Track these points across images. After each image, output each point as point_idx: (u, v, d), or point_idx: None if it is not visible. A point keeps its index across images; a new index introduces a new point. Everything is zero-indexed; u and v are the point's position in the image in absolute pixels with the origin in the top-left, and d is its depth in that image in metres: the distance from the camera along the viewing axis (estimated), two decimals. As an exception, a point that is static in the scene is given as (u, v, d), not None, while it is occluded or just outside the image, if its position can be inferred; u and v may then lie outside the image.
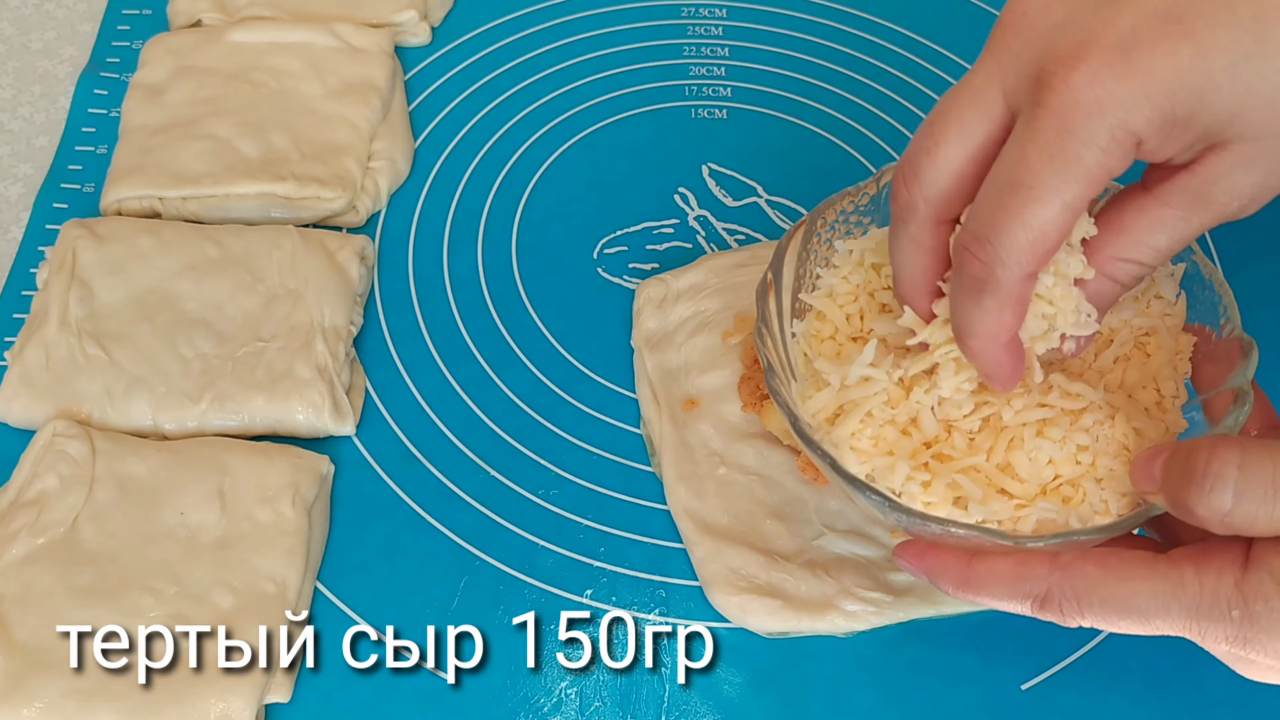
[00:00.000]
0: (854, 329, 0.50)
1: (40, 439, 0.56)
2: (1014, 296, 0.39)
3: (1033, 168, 0.36)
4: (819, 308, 0.50)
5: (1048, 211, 0.36)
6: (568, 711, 0.51)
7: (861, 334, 0.50)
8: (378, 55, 0.72)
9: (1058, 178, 0.36)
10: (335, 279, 0.62)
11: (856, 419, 0.46)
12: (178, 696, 0.49)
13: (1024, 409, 0.45)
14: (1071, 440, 0.44)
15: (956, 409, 0.45)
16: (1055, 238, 0.37)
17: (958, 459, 0.45)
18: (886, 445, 0.46)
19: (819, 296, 0.51)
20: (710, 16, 0.78)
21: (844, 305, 0.50)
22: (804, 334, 0.50)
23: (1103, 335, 0.48)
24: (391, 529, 0.57)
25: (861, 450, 0.46)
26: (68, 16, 0.79)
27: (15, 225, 0.68)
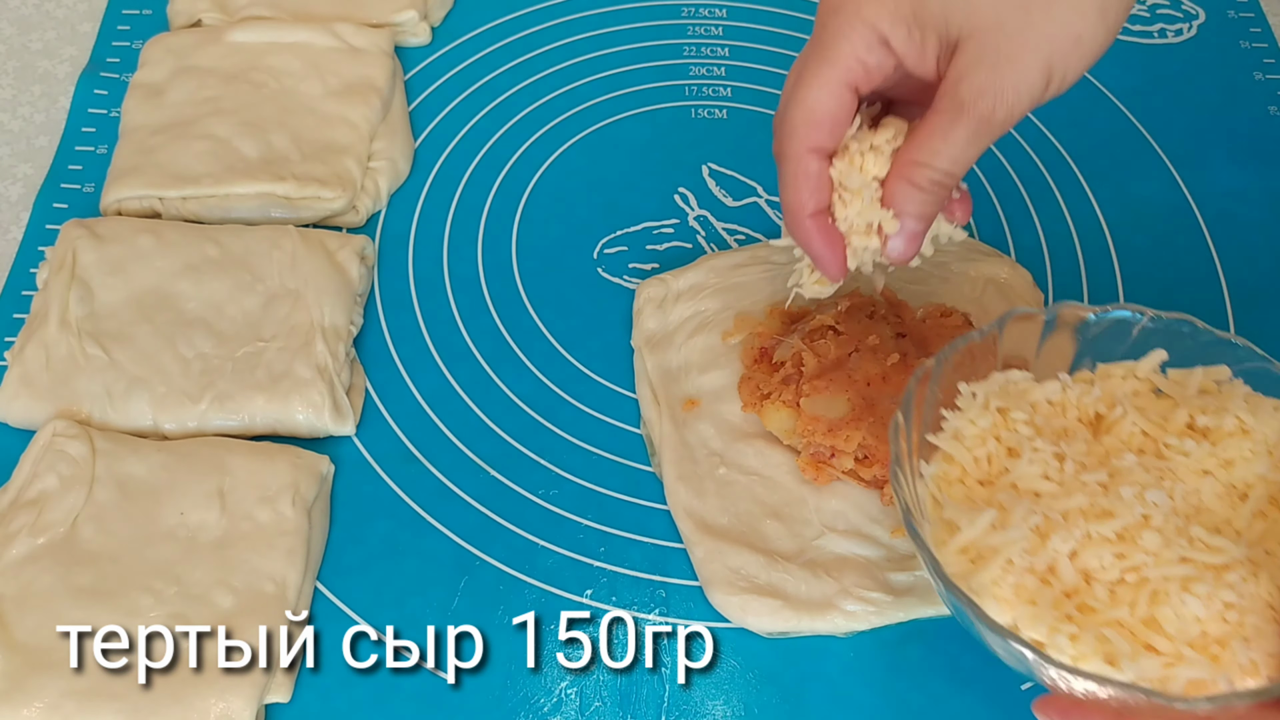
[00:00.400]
0: (982, 473, 0.50)
1: (40, 439, 0.56)
2: (802, 169, 0.47)
3: (807, 63, 0.46)
4: (947, 449, 0.50)
5: (813, 92, 0.46)
6: (568, 711, 0.51)
7: (989, 478, 0.49)
8: (378, 55, 0.72)
9: (820, 65, 0.46)
10: (335, 279, 0.62)
11: (997, 566, 0.45)
12: (178, 696, 0.49)
13: (1167, 562, 0.45)
14: (1217, 596, 0.44)
15: (1096, 559, 0.45)
16: (822, 113, 0.46)
17: (1101, 611, 0.44)
18: (1028, 594, 0.45)
19: (946, 439, 0.50)
20: (710, 16, 0.78)
21: (972, 449, 0.50)
22: (933, 476, 0.50)
23: (1236, 489, 0.48)
24: (391, 529, 0.57)
25: (1003, 598, 0.45)
26: (68, 16, 0.79)
27: (15, 225, 0.68)
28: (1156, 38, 0.78)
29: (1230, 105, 0.74)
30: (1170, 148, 0.72)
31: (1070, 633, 0.44)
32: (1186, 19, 0.79)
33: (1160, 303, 0.64)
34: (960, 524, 0.47)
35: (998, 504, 0.48)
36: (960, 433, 0.50)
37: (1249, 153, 0.71)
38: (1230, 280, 0.65)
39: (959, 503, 0.49)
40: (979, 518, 0.47)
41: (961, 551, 0.47)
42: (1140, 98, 0.74)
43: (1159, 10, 0.79)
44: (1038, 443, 0.49)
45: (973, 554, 0.47)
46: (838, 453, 0.55)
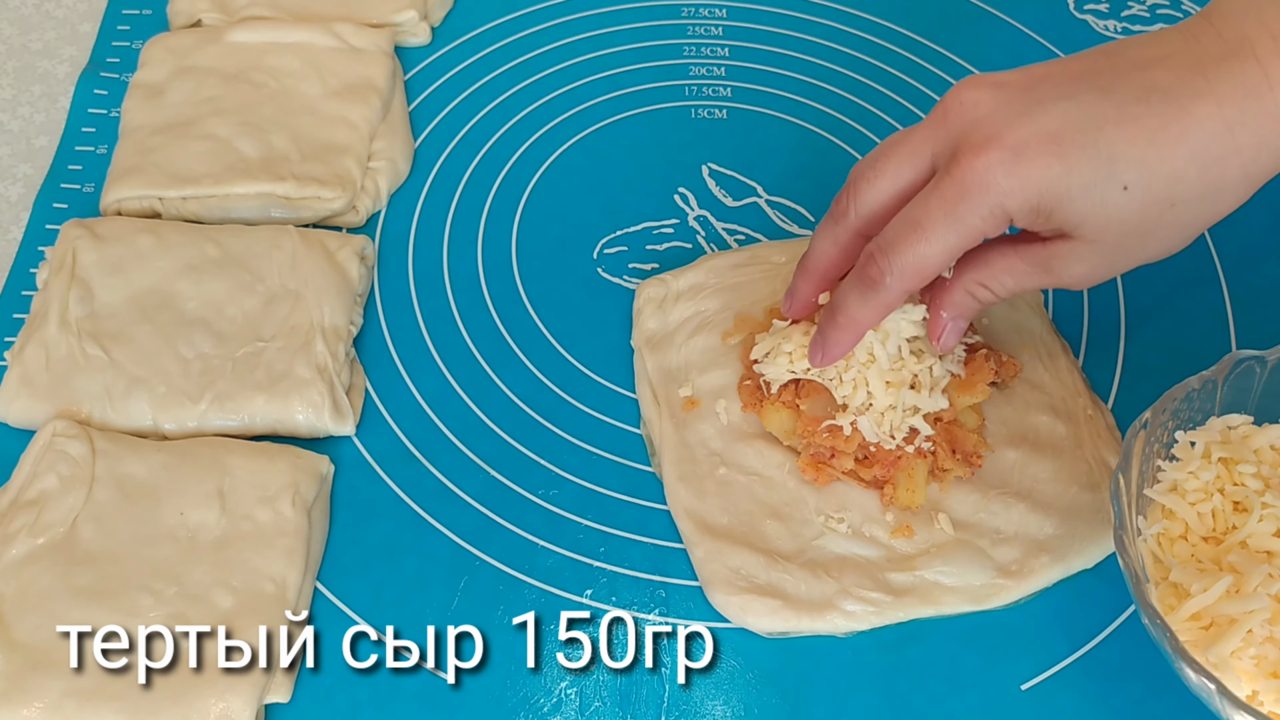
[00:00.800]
0: (1207, 529, 0.48)
1: (40, 439, 0.56)
2: (889, 303, 0.51)
3: (932, 215, 0.48)
4: (1168, 505, 0.49)
5: (932, 249, 0.48)
6: (568, 711, 0.51)
7: (1216, 535, 0.48)
8: (378, 55, 0.72)
9: (945, 228, 0.48)
10: (335, 279, 0.62)
11: (1237, 637, 0.44)
12: (178, 696, 0.49)
13: None
14: None
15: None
16: (932, 266, 0.49)
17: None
18: (1270, 665, 0.44)
19: (1164, 492, 0.50)
20: (710, 16, 0.78)
21: (1195, 503, 0.49)
22: (1154, 534, 0.49)
23: None
24: (391, 529, 0.57)
25: (1245, 671, 0.44)
26: (68, 16, 0.79)
27: (15, 225, 0.68)
28: (1156, 38, 0.78)
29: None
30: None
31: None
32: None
33: (1160, 303, 0.64)
34: (1190, 588, 0.46)
35: (1229, 566, 0.46)
36: (1181, 486, 0.49)
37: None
38: (1230, 280, 0.65)
39: (1184, 563, 0.47)
40: (1213, 584, 0.45)
41: (1193, 619, 0.46)
42: (1140, 98, 0.74)
43: (1159, 10, 0.79)
44: (1268, 497, 0.47)
45: (1205, 621, 0.45)
46: (838, 453, 0.55)
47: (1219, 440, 0.50)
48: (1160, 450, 0.51)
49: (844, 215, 0.52)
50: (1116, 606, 0.54)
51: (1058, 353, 0.61)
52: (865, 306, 0.51)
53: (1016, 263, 0.51)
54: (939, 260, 0.48)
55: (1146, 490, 0.50)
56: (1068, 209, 0.47)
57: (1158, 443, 0.51)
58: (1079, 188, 0.46)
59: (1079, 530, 0.55)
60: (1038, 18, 0.78)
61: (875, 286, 0.50)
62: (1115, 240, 0.48)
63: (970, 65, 0.76)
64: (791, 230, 0.68)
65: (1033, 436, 0.58)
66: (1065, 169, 0.46)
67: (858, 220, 0.52)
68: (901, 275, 0.49)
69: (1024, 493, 0.56)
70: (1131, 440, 0.49)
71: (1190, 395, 0.52)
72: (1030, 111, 0.47)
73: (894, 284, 0.49)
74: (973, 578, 0.54)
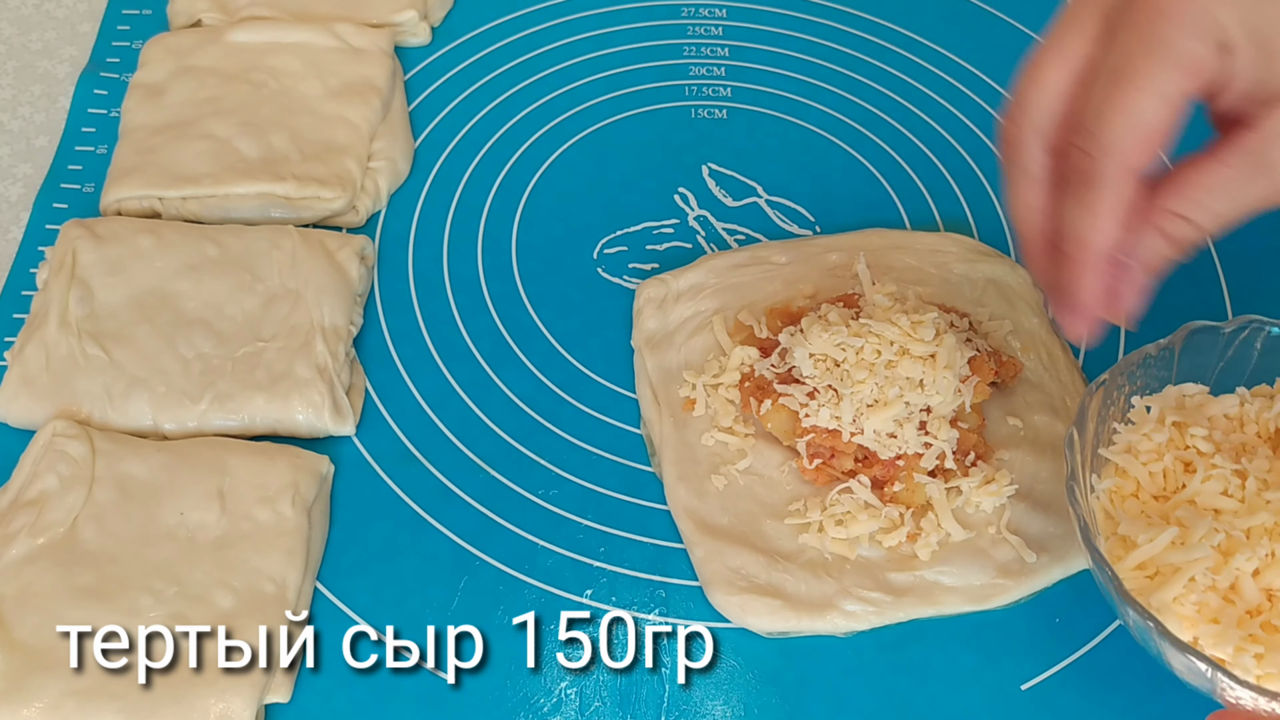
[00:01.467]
0: (1158, 488, 0.49)
1: (40, 439, 0.56)
2: (1117, 194, 0.38)
3: (1132, 56, 0.37)
4: (1121, 464, 0.50)
5: (1146, 100, 0.37)
6: (568, 711, 0.51)
7: (1165, 494, 0.49)
8: (378, 55, 0.72)
9: (1152, 64, 0.36)
10: (335, 279, 0.62)
11: (1179, 584, 0.45)
12: (178, 696, 0.49)
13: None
14: None
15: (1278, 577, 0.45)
16: (1156, 128, 0.37)
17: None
18: (1211, 612, 0.45)
19: (1119, 453, 0.50)
20: (710, 16, 0.78)
21: (1147, 464, 0.50)
22: (1106, 491, 0.50)
23: None
24: (391, 529, 0.57)
25: (1186, 616, 0.45)
26: (68, 16, 0.79)
27: (15, 225, 0.68)
28: (1156, 38, 0.78)
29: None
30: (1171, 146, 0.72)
31: (1256, 652, 0.43)
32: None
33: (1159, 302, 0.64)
34: (1138, 540, 0.47)
35: (1176, 521, 0.47)
36: (1134, 447, 0.50)
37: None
38: (1230, 280, 0.65)
39: (1134, 518, 0.48)
40: (1160, 535, 0.46)
41: (1139, 568, 0.46)
42: (1140, 98, 0.74)
43: (1159, 10, 0.79)
44: (1216, 459, 0.48)
45: (1151, 570, 0.46)
46: (838, 453, 0.55)
47: (1173, 406, 0.51)
48: (1117, 413, 0.52)
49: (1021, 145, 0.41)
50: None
51: (1057, 353, 0.61)
52: (1089, 213, 0.39)
53: (1220, 171, 0.39)
54: (1158, 112, 0.37)
55: (1101, 449, 0.51)
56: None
57: (1114, 405, 0.51)
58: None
59: (1079, 530, 0.55)
60: (1038, 18, 0.78)
61: (1091, 180, 0.38)
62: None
63: (970, 65, 0.76)
64: (791, 230, 0.68)
65: (1032, 436, 0.58)
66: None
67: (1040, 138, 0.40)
68: (1118, 147, 0.38)
69: (1024, 493, 0.56)
70: (1088, 400, 0.50)
71: (1148, 361, 0.52)
72: None
73: (1112, 164, 0.38)
74: (973, 578, 0.54)
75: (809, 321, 0.57)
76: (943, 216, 0.68)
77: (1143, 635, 0.45)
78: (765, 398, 0.57)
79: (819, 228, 0.68)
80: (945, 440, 0.54)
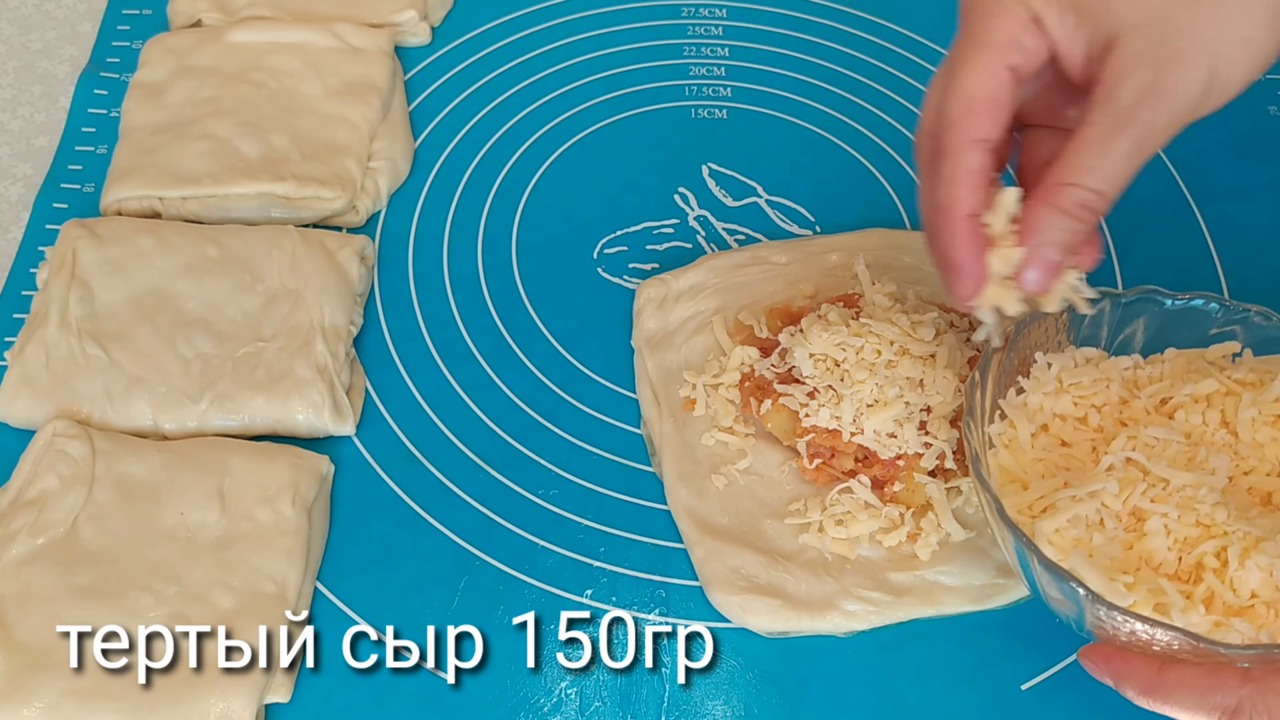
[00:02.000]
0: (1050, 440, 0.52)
1: (40, 439, 0.56)
2: (964, 163, 0.43)
3: (959, 48, 0.44)
4: (1013, 416, 0.53)
5: (971, 78, 0.43)
6: (568, 711, 0.51)
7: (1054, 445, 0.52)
8: (378, 55, 0.72)
9: (972, 48, 0.43)
10: (335, 279, 0.62)
11: (1062, 518, 0.48)
12: (178, 696, 0.49)
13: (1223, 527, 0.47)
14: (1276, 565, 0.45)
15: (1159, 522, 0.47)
16: (986, 100, 0.43)
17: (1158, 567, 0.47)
18: (1087, 546, 0.47)
19: (1016, 405, 0.53)
20: (710, 16, 0.78)
21: (1034, 418, 0.53)
22: (998, 436, 0.53)
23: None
24: (391, 529, 0.57)
25: (1062, 546, 0.47)
26: (68, 16, 0.79)
27: (15, 225, 0.68)
28: (1156, 38, 0.78)
29: (1230, 105, 0.74)
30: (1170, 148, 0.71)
31: (1126, 582, 0.46)
32: (1186, 19, 0.79)
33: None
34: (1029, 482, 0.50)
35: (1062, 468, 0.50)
36: (1027, 402, 0.53)
37: (1249, 152, 0.71)
38: (1230, 280, 0.65)
39: (1024, 466, 0.51)
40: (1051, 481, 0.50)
41: (1027, 508, 0.49)
42: (1140, 98, 0.74)
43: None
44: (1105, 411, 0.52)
45: (1036, 511, 0.49)
46: (838, 453, 0.55)
47: (1071, 366, 0.54)
48: (1024, 369, 0.54)
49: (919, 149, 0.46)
50: (1116, 606, 0.54)
51: (1057, 352, 0.61)
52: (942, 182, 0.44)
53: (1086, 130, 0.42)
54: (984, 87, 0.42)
55: (1001, 401, 0.53)
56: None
57: (1019, 360, 0.54)
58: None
59: (1079, 530, 0.55)
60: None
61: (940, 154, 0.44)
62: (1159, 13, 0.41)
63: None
64: (791, 230, 0.68)
65: (1032, 436, 0.58)
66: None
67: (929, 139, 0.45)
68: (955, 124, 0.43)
69: (1024, 492, 0.56)
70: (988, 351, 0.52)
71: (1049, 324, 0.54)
72: None
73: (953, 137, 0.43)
74: (973, 578, 0.54)
75: (809, 322, 0.57)
76: (943, 216, 0.68)
77: (1022, 561, 0.47)
78: (765, 398, 0.57)
79: (819, 228, 0.68)
80: (945, 440, 0.54)
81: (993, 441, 0.52)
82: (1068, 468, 0.51)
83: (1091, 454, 0.52)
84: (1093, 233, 0.45)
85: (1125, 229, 0.68)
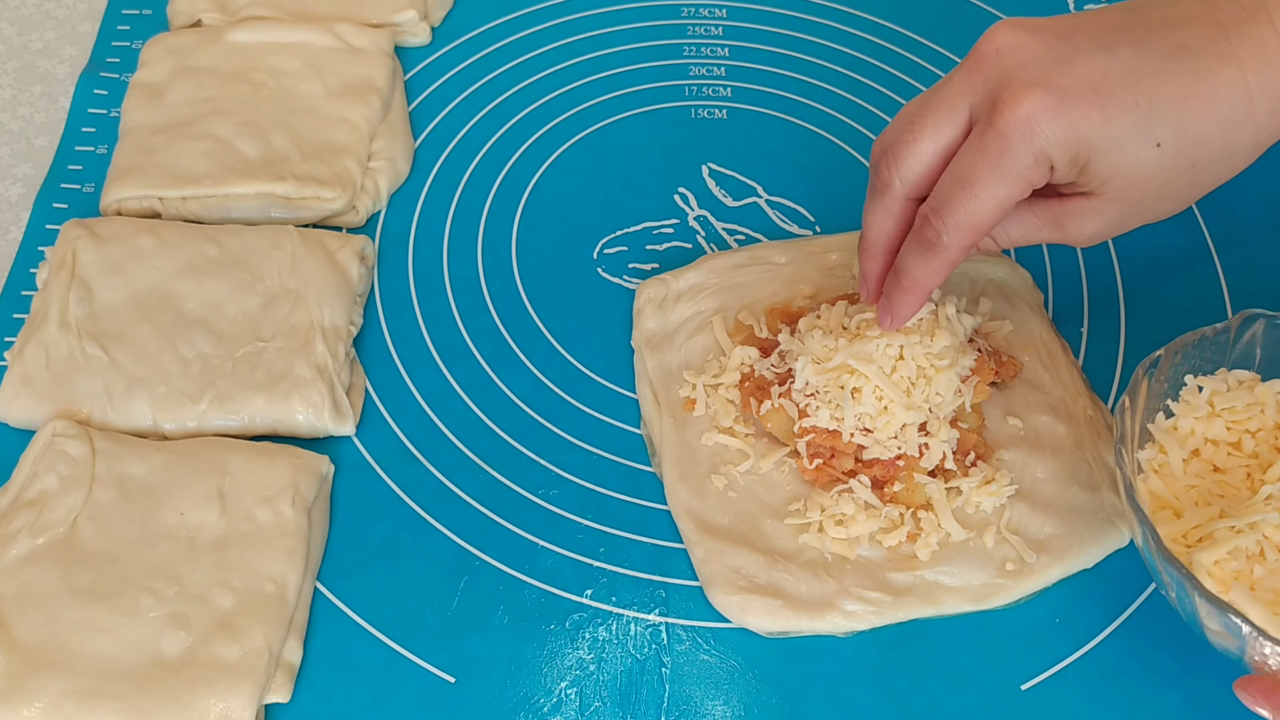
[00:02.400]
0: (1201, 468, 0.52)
1: (40, 439, 0.56)
2: (951, 261, 0.50)
3: (978, 170, 0.48)
4: (1162, 442, 0.53)
5: (983, 204, 0.48)
6: (568, 711, 0.51)
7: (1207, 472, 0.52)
8: (378, 55, 0.72)
9: (993, 180, 0.47)
10: (335, 279, 0.62)
11: (1223, 549, 0.48)
12: (178, 696, 0.49)
13: None
14: None
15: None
16: (987, 221, 0.49)
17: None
18: (1248, 579, 0.47)
19: (1163, 430, 0.54)
20: (710, 16, 0.78)
21: (1184, 443, 0.53)
22: (1147, 461, 0.53)
23: None
24: (391, 529, 0.57)
25: (1222, 579, 0.47)
26: (68, 16, 0.79)
27: (15, 225, 0.68)
28: (1156, 38, 0.78)
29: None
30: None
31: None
32: (1186, 19, 0.79)
33: (1159, 302, 0.64)
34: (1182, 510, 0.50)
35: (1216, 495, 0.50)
36: (1178, 426, 0.53)
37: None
38: (1230, 280, 0.65)
39: (1176, 493, 0.51)
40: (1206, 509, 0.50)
41: (1181, 537, 0.49)
42: (1140, 98, 0.74)
43: (1159, 10, 0.79)
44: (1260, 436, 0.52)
45: (1191, 540, 0.49)
46: (838, 453, 0.55)
47: (1224, 390, 0.54)
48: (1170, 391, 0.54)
49: (888, 187, 0.51)
50: (1116, 606, 0.54)
51: (1058, 353, 0.61)
52: (928, 268, 0.51)
53: (1028, 217, 0.52)
54: (992, 214, 0.48)
55: (1149, 425, 0.54)
56: (1101, 162, 0.47)
57: (1167, 382, 0.54)
58: (1116, 141, 0.47)
59: (1079, 530, 0.55)
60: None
61: (935, 248, 0.50)
62: (1136, 199, 0.49)
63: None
64: (791, 230, 0.68)
65: (1033, 436, 0.58)
66: (1106, 120, 0.46)
67: (904, 188, 0.51)
68: (958, 233, 0.49)
69: (1024, 493, 0.56)
70: (1139, 372, 0.52)
71: (1203, 342, 0.54)
72: (1071, 59, 0.47)
73: (952, 242, 0.49)
74: (973, 578, 0.54)
75: (808, 323, 0.57)
76: (943, 216, 0.68)
77: (1180, 592, 0.47)
78: (765, 398, 0.57)
79: (819, 228, 0.68)
80: (945, 440, 0.54)
81: (1142, 467, 0.52)
82: (1222, 495, 0.51)
83: (1246, 480, 0.51)
84: None
85: (1125, 229, 0.68)
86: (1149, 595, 0.55)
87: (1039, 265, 0.66)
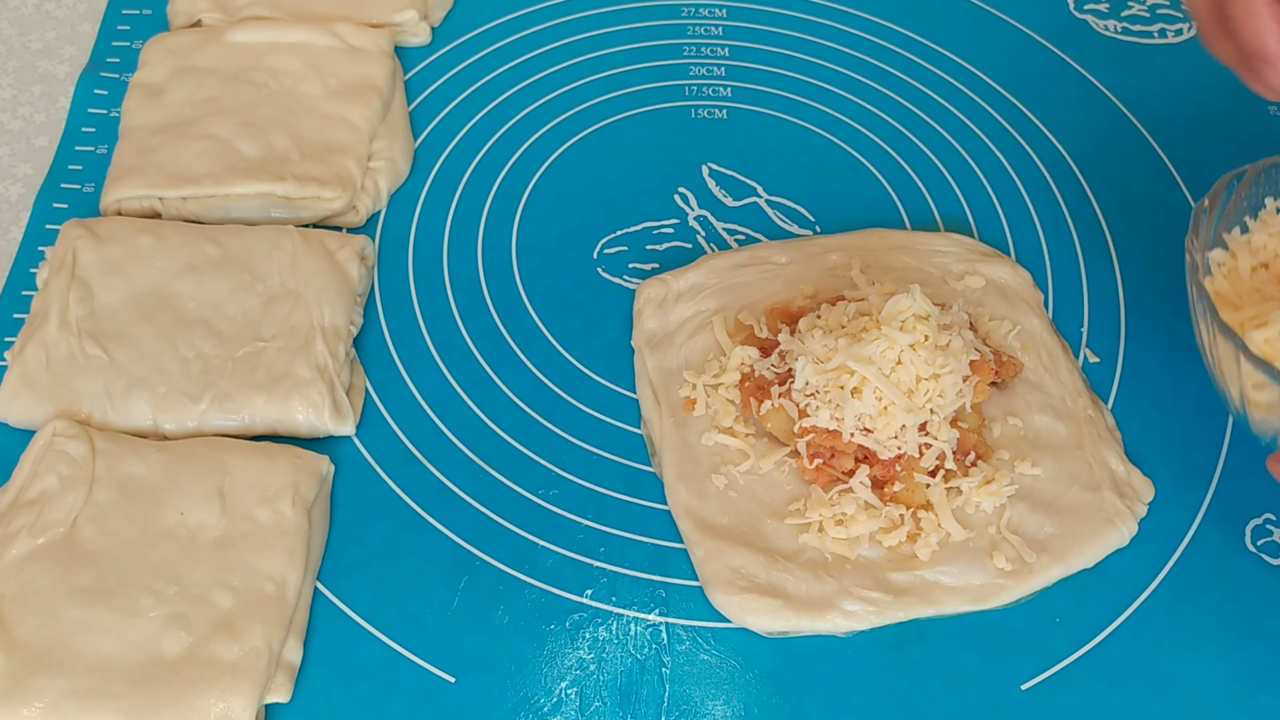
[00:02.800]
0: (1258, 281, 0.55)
1: (40, 439, 0.56)
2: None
3: None
4: (1234, 249, 0.56)
5: None
6: (568, 711, 0.51)
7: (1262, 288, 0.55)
8: (378, 55, 0.72)
9: None
10: (335, 279, 0.62)
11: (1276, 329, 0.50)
12: (178, 696, 0.49)
13: None
14: None
15: None
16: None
17: None
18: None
19: (1237, 240, 0.56)
20: (710, 16, 0.78)
21: (1257, 253, 0.56)
22: (1218, 265, 0.56)
23: None
24: (391, 529, 0.57)
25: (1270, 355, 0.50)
26: (68, 16, 0.79)
27: (15, 225, 0.68)
28: (1156, 38, 0.78)
29: (1230, 105, 0.74)
30: (1170, 147, 0.72)
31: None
32: (1187, 19, 0.79)
33: (1159, 303, 0.64)
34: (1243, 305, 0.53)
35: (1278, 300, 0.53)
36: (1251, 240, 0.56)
37: (1249, 153, 0.71)
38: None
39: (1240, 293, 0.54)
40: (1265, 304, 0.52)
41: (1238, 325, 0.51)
42: (1140, 98, 0.74)
43: (1159, 10, 0.79)
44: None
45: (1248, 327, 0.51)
46: (838, 453, 0.55)
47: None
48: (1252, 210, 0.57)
49: None
50: (1116, 606, 0.54)
51: (1058, 353, 0.61)
52: None
53: None
54: None
55: (1225, 233, 0.56)
56: None
57: (1246, 200, 0.56)
58: None
59: (1079, 530, 0.55)
60: (1038, 18, 0.78)
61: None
62: None
63: (970, 65, 0.76)
64: (791, 230, 0.68)
65: (1033, 436, 0.58)
66: None
67: None
68: None
69: (1024, 493, 0.56)
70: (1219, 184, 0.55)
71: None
72: None
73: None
74: (973, 578, 0.54)
75: (808, 323, 0.57)
76: (943, 216, 0.69)
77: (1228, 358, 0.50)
78: (765, 398, 0.57)
79: (819, 228, 0.68)
80: (945, 440, 0.55)
81: (1210, 269, 0.55)
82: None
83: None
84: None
85: (1124, 229, 0.68)
86: (1149, 595, 0.55)
87: (1039, 265, 0.66)
